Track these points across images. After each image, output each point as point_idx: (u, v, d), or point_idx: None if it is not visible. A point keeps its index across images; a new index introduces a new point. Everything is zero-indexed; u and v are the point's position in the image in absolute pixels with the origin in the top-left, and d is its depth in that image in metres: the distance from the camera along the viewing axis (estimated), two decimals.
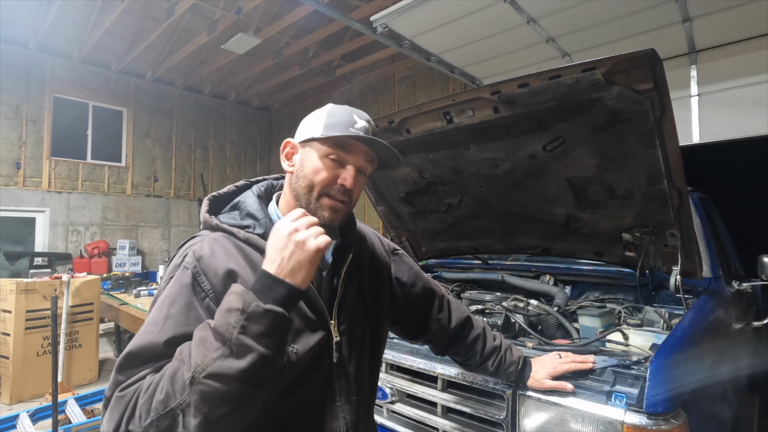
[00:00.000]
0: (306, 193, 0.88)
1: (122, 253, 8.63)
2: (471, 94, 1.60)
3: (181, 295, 0.79)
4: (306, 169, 0.89)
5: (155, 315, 0.78)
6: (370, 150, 0.92)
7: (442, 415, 1.47)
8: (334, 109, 0.92)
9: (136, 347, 0.75)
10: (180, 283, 0.80)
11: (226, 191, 1.00)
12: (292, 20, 6.57)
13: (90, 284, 4.47)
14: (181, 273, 0.81)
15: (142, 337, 0.76)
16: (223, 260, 0.83)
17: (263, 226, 0.89)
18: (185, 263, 0.83)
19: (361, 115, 0.92)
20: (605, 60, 1.30)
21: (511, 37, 3.58)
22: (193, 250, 0.84)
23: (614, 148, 1.58)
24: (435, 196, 2.24)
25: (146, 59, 8.52)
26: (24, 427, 3.21)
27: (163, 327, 0.76)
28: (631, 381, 1.16)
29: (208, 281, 0.81)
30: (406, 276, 1.15)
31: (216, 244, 0.85)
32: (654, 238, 1.73)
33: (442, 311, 1.21)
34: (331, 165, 0.88)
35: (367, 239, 1.10)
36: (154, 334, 0.75)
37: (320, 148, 0.89)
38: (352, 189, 0.89)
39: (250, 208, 0.92)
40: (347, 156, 0.89)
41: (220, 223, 0.90)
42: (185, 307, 0.78)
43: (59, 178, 8.23)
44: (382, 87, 9.28)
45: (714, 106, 3.52)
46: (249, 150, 11.46)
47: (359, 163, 0.91)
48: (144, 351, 0.74)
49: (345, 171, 0.89)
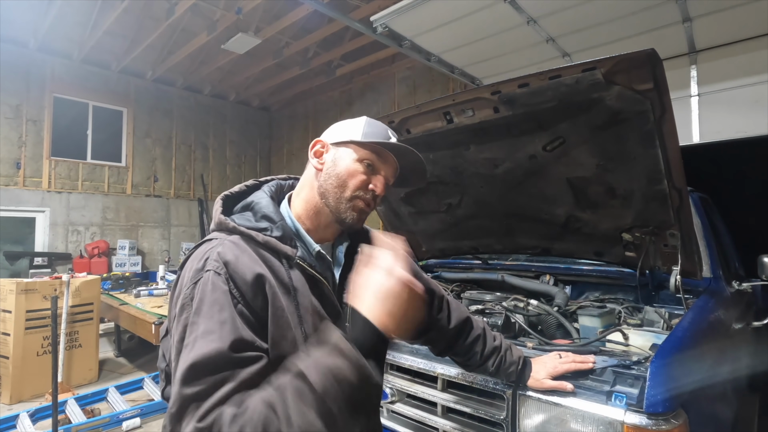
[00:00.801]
0: (337, 192, 0.91)
1: (122, 253, 8.63)
2: (471, 94, 1.60)
3: (226, 301, 0.76)
4: (339, 169, 0.92)
5: (208, 324, 0.73)
6: (398, 165, 0.97)
7: (442, 415, 1.47)
8: (372, 121, 0.97)
9: (201, 357, 0.69)
10: (219, 289, 0.77)
11: (238, 190, 0.99)
12: (292, 20, 6.57)
13: (90, 284, 4.46)
14: (215, 278, 0.78)
15: (203, 347, 0.70)
16: (249, 265, 0.81)
17: (281, 229, 0.88)
18: (215, 268, 0.79)
19: (393, 133, 0.97)
20: (605, 60, 1.30)
21: (511, 37, 3.58)
22: (217, 252, 0.81)
23: (614, 148, 1.58)
24: (435, 196, 2.24)
25: (146, 59, 8.52)
26: (24, 427, 3.21)
27: (221, 334, 0.72)
28: (631, 381, 1.16)
29: (237, 288, 0.78)
30: None
31: (238, 249, 0.83)
32: (654, 238, 1.73)
33: (441, 312, 1.21)
34: (366, 170, 0.92)
35: (371, 240, 1.10)
36: (215, 342, 0.71)
37: (359, 151, 0.92)
38: (380, 196, 0.93)
39: (266, 210, 0.91)
40: (381, 165, 0.94)
41: (238, 226, 0.87)
42: (233, 311, 0.76)
43: (59, 178, 8.23)
44: (382, 87, 9.27)
45: (714, 106, 3.52)
46: (249, 150, 11.46)
47: (389, 173, 0.95)
48: (211, 359, 0.69)
49: (376, 178, 0.93)
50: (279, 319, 0.81)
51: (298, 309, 0.84)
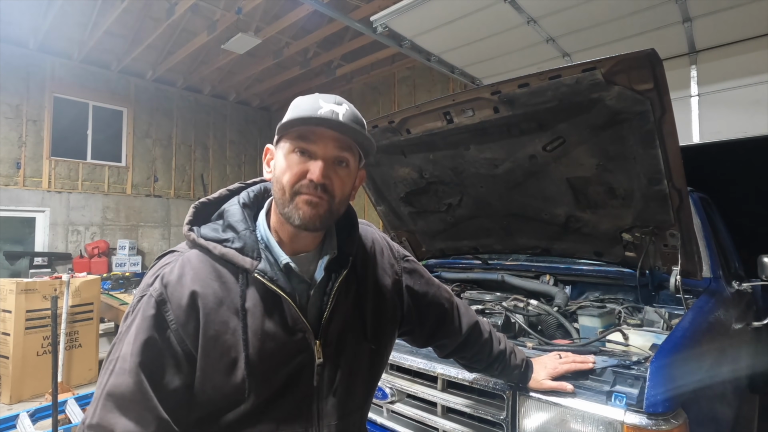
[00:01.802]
0: (281, 197, 0.81)
1: (122, 253, 8.63)
2: (471, 94, 1.60)
3: (145, 327, 0.75)
4: (277, 171, 0.82)
5: (125, 349, 0.75)
6: (342, 136, 0.80)
7: (442, 415, 1.47)
8: (299, 99, 0.83)
9: (112, 387, 0.73)
10: (148, 314, 0.76)
11: (218, 196, 0.92)
12: (292, 20, 6.57)
13: (90, 284, 4.46)
14: (148, 302, 0.77)
15: (116, 377, 0.73)
16: (189, 285, 0.78)
17: (242, 240, 0.82)
18: (151, 290, 0.78)
19: (328, 98, 0.81)
20: (605, 60, 1.29)
21: (511, 38, 3.58)
22: (163, 273, 0.79)
23: (614, 148, 1.57)
24: (435, 196, 2.24)
25: (146, 59, 8.52)
26: (24, 426, 3.21)
27: (131, 365, 0.73)
28: (631, 381, 1.16)
29: (172, 311, 0.76)
30: (418, 285, 1.07)
31: (187, 266, 0.80)
32: (654, 238, 1.73)
33: (453, 320, 1.15)
34: (298, 160, 0.80)
35: (375, 245, 1.02)
36: (125, 374, 0.73)
37: (284, 146, 0.81)
38: (324, 182, 0.79)
39: (231, 218, 0.85)
40: (312, 147, 0.79)
41: (197, 239, 0.83)
42: (145, 344, 0.74)
43: (59, 178, 8.23)
44: (382, 87, 9.28)
45: (714, 107, 3.52)
46: (249, 150, 11.46)
47: (329, 152, 0.80)
48: (117, 391, 0.73)
49: (312, 164, 0.79)
50: (211, 348, 0.77)
51: (245, 331, 0.78)
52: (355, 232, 0.95)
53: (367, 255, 0.99)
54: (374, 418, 1.63)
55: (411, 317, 1.07)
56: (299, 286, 0.85)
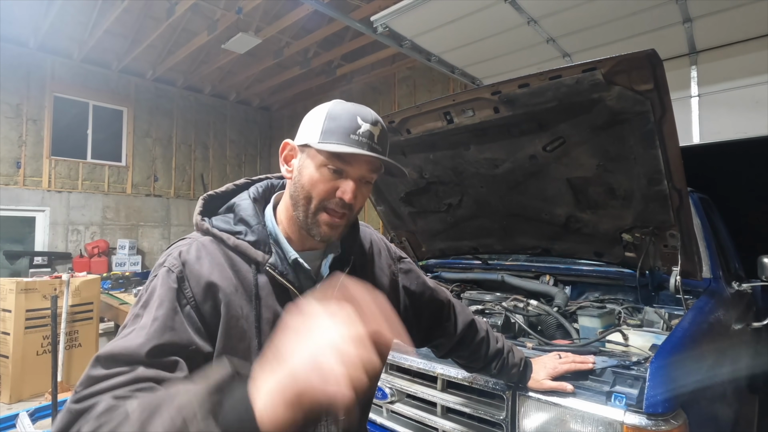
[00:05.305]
0: (304, 205, 0.83)
1: (122, 252, 8.63)
2: (471, 94, 1.60)
3: (168, 298, 0.74)
4: (304, 179, 0.82)
5: (145, 319, 0.72)
6: (376, 158, 0.82)
7: (442, 415, 1.47)
8: (335, 109, 0.82)
9: (121, 347, 0.67)
10: (166, 286, 0.76)
11: (225, 190, 0.94)
12: (293, 20, 6.57)
13: (90, 284, 4.46)
14: (167, 275, 0.77)
15: (129, 340, 0.69)
16: (207, 270, 0.79)
17: (255, 233, 0.84)
18: (171, 266, 0.78)
19: (366, 116, 0.82)
20: (605, 60, 1.30)
21: (512, 38, 3.57)
22: (180, 251, 0.80)
23: (614, 148, 1.58)
24: (435, 196, 2.24)
25: (146, 59, 8.52)
26: (24, 426, 3.21)
27: (149, 330, 0.70)
28: (631, 381, 1.16)
29: (190, 288, 0.77)
30: (414, 285, 1.11)
31: (204, 251, 0.81)
32: (654, 238, 1.73)
33: (449, 319, 1.18)
34: (330, 176, 0.81)
35: (373, 246, 1.05)
36: (141, 337, 0.69)
37: (317, 157, 0.81)
38: (352, 203, 0.82)
39: (243, 212, 0.86)
40: (347, 167, 0.81)
41: (211, 228, 0.85)
42: (171, 310, 0.73)
43: (59, 177, 8.23)
44: (382, 87, 9.28)
45: (714, 107, 3.52)
46: (249, 150, 11.46)
47: (361, 173, 0.82)
48: (128, 351, 0.67)
49: (345, 183, 0.81)
50: (231, 329, 0.78)
51: (259, 319, 0.80)
52: (356, 232, 0.98)
53: (366, 255, 1.01)
54: (374, 418, 1.63)
55: (407, 317, 1.09)
56: (306, 281, 0.88)
